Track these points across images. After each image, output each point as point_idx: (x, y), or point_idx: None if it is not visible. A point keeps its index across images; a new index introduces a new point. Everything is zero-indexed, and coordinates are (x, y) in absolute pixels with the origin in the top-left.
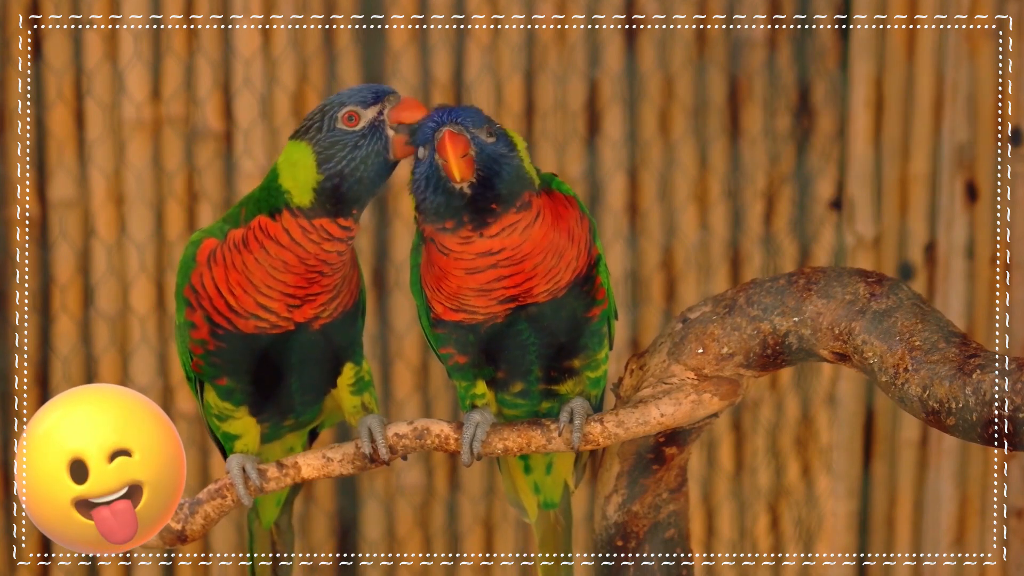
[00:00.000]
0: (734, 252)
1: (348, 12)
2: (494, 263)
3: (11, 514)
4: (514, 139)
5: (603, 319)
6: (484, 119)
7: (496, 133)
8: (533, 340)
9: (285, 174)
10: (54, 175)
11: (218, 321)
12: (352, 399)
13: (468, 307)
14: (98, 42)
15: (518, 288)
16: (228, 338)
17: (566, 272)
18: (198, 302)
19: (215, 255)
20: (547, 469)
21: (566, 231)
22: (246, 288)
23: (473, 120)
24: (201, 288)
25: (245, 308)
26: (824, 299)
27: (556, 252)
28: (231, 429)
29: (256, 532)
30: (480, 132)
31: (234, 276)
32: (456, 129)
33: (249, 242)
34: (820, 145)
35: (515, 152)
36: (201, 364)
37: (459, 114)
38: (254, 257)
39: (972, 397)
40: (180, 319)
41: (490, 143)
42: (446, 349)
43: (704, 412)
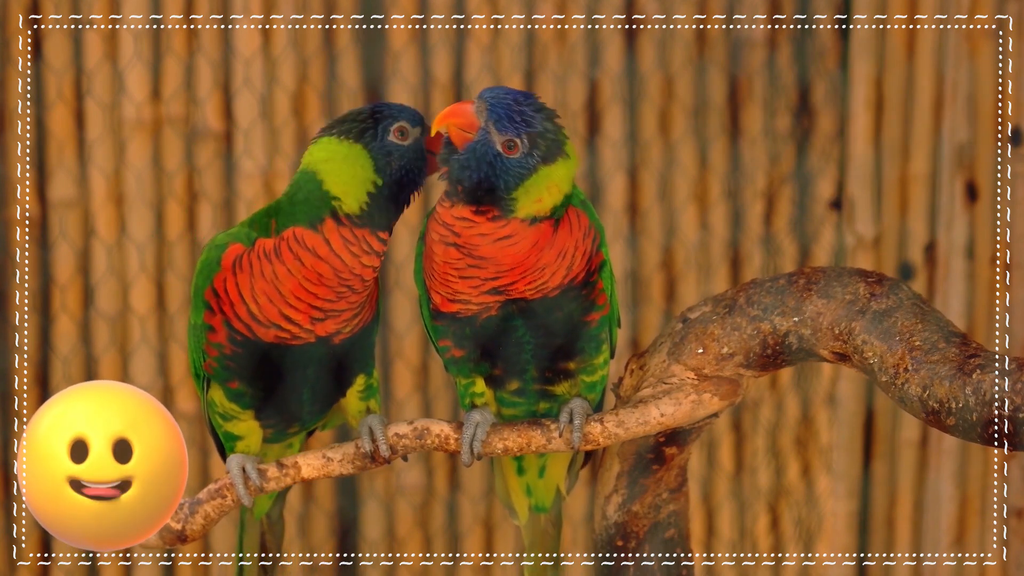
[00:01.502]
0: (734, 252)
1: (348, 12)
2: (453, 242)
3: (11, 514)
4: (544, 172)
5: (602, 325)
6: (513, 128)
7: (518, 145)
8: (528, 339)
9: (333, 176)
10: (54, 175)
11: (237, 327)
12: (359, 404)
13: (459, 295)
14: (98, 42)
15: (493, 283)
16: (245, 344)
17: (553, 278)
18: (219, 306)
19: (241, 262)
20: (540, 472)
21: (557, 251)
22: (272, 297)
23: (499, 121)
24: (224, 293)
25: (268, 318)
26: (824, 299)
27: (534, 267)
28: (234, 430)
29: (247, 523)
30: (492, 131)
31: (260, 285)
32: (476, 107)
33: (282, 252)
34: (820, 145)
35: (517, 174)
36: (215, 366)
37: (495, 107)
38: (286, 268)
39: (972, 397)
40: (198, 319)
41: (491, 146)
42: (444, 341)
43: (704, 412)
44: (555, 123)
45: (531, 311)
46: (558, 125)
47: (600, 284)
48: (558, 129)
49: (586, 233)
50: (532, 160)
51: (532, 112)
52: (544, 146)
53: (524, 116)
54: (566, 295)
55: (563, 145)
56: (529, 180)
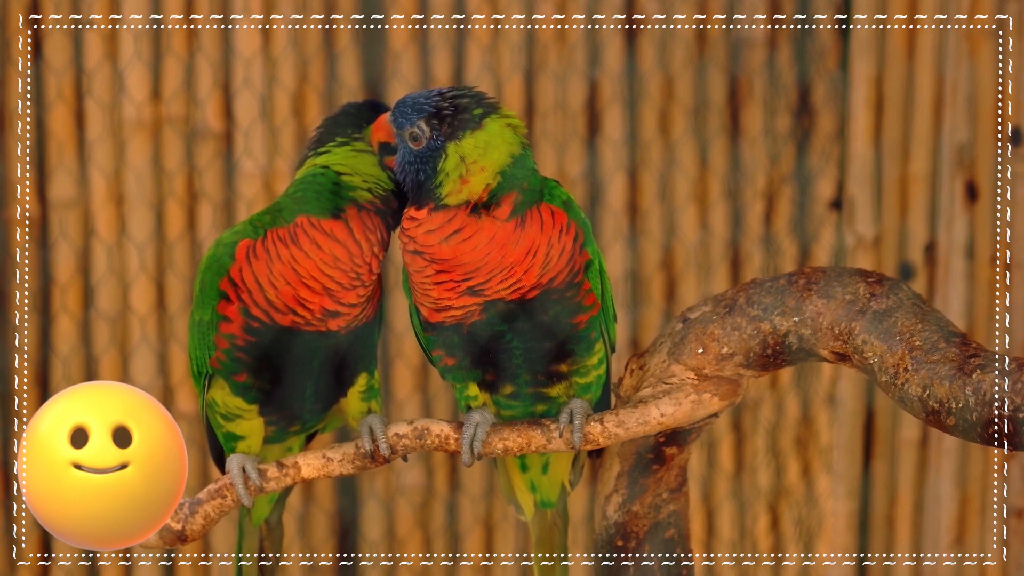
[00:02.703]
0: (734, 252)
1: (348, 12)
2: (414, 249)
3: (11, 514)
4: (452, 149)
5: (592, 325)
6: (408, 120)
7: (419, 133)
8: (517, 344)
9: (352, 170)
10: (54, 175)
11: (255, 313)
12: (360, 405)
13: (440, 302)
14: (98, 42)
15: (467, 283)
16: (261, 331)
17: (527, 276)
18: (237, 295)
19: (255, 250)
20: (543, 468)
21: (525, 248)
22: (290, 279)
23: (396, 120)
24: (241, 282)
25: (284, 302)
26: (824, 299)
27: (500, 265)
28: (236, 429)
29: (245, 529)
30: (399, 132)
31: (278, 267)
32: (389, 118)
33: (299, 237)
34: (820, 145)
35: (430, 160)
36: (223, 359)
37: (394, 111)
38: (303, 251)
39: (972, 397)
40: (205, 315)
41: (406, 145)
42: (436, 351)
43: (704, 412)
44: (457, 100)
45: (515, 315)
46: (463, 100)
47: (587, 285)
48: (462, 104)
49: (563, 231)
50: (437, 143)
51: (426, 99)
52: (446, 125)
53: (415, 105)
54: (548, 297)
55: (472, 118)
56: (442, 162)
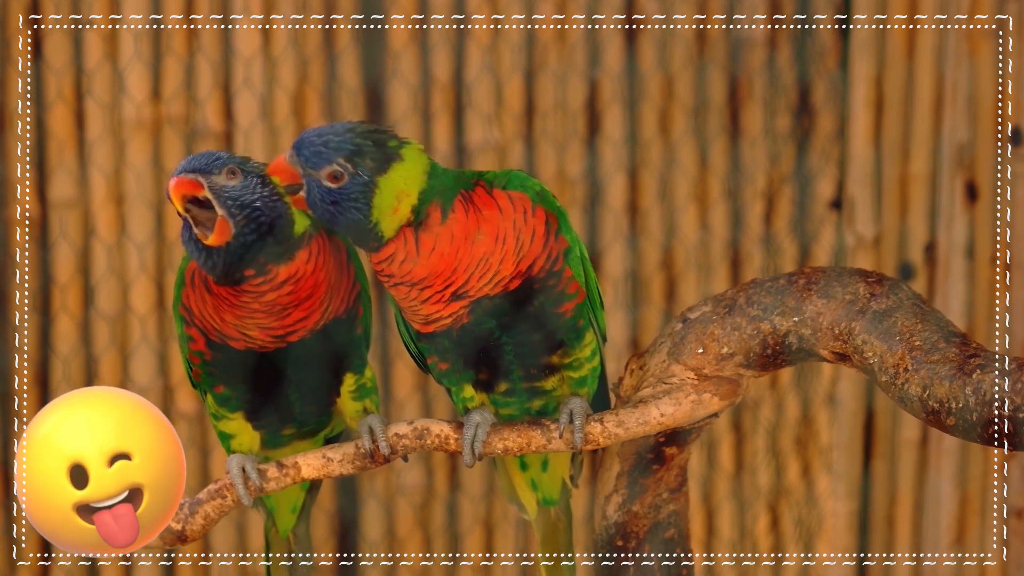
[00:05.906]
0: (734, 252)
1: (348, 12)
2: (394, 283)
3: (11, 514)
4: (383, 183)
5: (579, 313)
6: (324, 159)
7: (342, 171)
8: (506, 339)
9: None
10: (54, 175)
11: (212, 337)
12: (354, 404)
13: (432, 316)
14: (98, 42)
15: (450, 289)
16: (224, 350)
17: (503, 265)
18: (191, 319)
19: (194, 279)
20: (543, 466)
21: (492, 236)
22: (224, 316)
23: (308, 161)
24: (192, 306)
25: (227, 333)
26: (824, 299)
27: (473, 261)
28: (226, 429)
29: (273, 541)
30: (311, 172)
31: (211, 302)
32: (290, 158)
33: (211, 286)
34: (820, 145)
35: (361, 198)
36: (200, 373)
37: (301, 149)
38: (223, 302)
39: (972, 397)
40: (178, 331)
41: (320, 186)
42: (431, 359)
43: (704, 412)
44: (373, 135)
45: (501, 309)
46: (378, 135)
47: (568, 272)
48: (378, 139)
49: (528, 213)
50: (364, 178)
51: (337, 136)
52: (370, 160)
53: (330, 143)
54: (531, 286)
55: (392, 151)
56: (376, 198)
